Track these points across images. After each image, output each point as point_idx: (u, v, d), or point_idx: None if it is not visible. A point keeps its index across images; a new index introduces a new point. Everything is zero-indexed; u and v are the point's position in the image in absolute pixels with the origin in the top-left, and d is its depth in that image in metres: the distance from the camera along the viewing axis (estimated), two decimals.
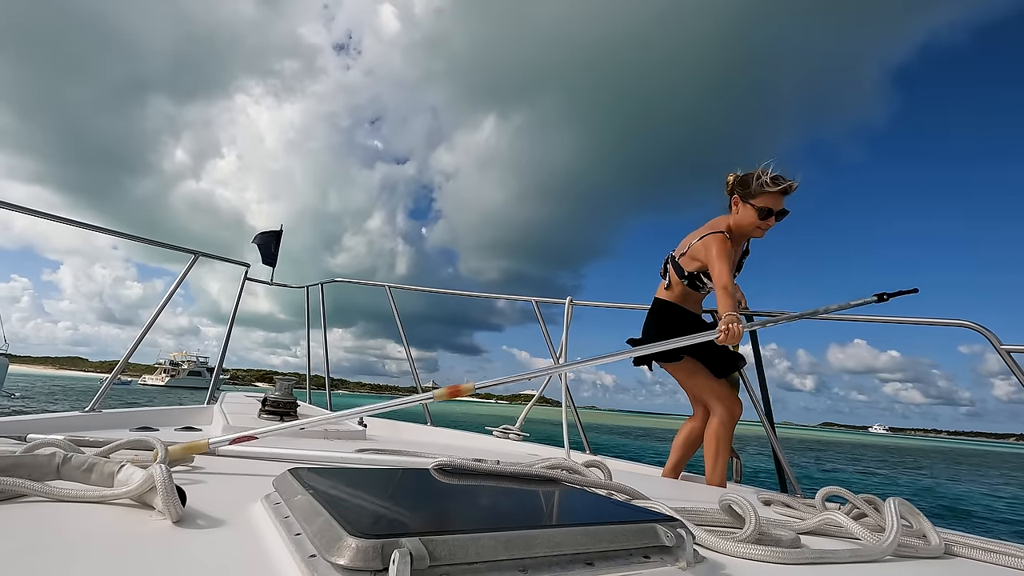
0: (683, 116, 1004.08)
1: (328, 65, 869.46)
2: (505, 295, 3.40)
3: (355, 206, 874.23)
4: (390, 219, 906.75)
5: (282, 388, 2.44)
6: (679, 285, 2.25)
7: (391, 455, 1.50)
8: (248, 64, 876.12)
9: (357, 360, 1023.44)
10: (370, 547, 0.50)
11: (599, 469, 1.20)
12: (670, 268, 2.30)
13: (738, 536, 0.78)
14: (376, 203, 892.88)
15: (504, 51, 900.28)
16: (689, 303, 2.29)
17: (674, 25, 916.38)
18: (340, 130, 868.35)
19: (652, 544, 0.66)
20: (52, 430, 1.62)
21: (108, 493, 0.74)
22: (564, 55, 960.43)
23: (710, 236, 2.14)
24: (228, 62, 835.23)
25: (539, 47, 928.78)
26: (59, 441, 1.01)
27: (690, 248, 2.20)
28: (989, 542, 0.92)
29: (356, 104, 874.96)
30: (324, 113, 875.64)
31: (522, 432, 2.80)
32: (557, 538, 0.60)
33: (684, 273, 2.22)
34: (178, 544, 0.61)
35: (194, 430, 2.07)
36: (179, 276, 2.79)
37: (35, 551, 0.55)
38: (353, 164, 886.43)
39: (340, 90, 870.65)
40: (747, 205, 2.14)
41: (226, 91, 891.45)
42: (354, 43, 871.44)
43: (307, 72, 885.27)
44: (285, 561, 0.58)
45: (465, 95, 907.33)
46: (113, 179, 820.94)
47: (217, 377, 3.53)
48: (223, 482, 1.01)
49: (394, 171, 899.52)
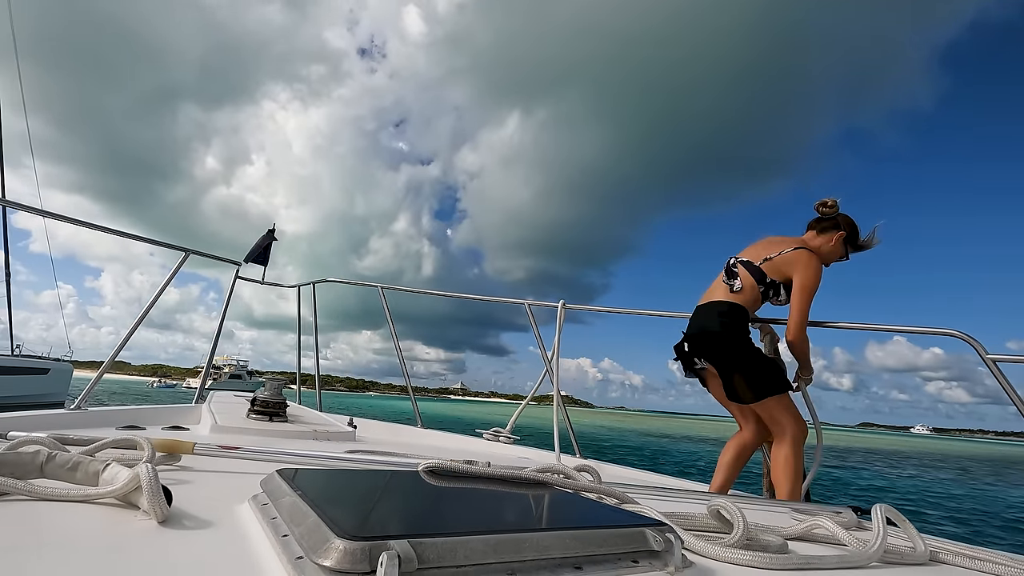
0: (710, 109, 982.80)
1: (353, 69, 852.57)
2: (498, 298, 3.39)
3: (381, 209, 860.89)
4: (415, 221, 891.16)
5: (271, 388, 2.42)
6: (753, 290, 2.14)
7: (380, 456, 1.49)
8: (275, 70, 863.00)
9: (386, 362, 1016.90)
10: (358, 549, 0.50)
11: (589, 473, 1.20)
12: (743, 271, 2.18)
13: (726, 541, 0.79)
14: (401, 205, 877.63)
15: (528, 45, 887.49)
16: (753, 311, 2.18)
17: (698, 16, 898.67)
18: (365, 134, 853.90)
19: (640, 548, 0.66)
20: (35, 428, 1.60)
21: (93, 492, 0.73)
22: (589, 48, 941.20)
23: (806, 253, 2.11)
24: (255, 68, 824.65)
25: (563, 40, 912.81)
26: (43, 439, 1.00)
27: (780, 256, 2.13)
28: (975, 549, 0.93)
29: (381, 107, 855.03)
30: (350, 117, 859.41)
31: (513, 435, 2.80)
32: (546, 542, 0.60)
33: (766, 280, 2.13)
34: (163, 545, 0.60)
35: (181, 429, 2.05)
36: (170, 273, 2.77)
37: (17, 551, 0.54)
38: (378, 167, 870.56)
39: (365, 93, 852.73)
40: (843, 245, 2.22)
41: (252, 97, 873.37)
42: (378, 46, 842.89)
43: (333, 76, 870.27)
44: (272, 563, 0.57)
45: (489, 92, 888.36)
46: (147, 186, 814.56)
47: (205, 376, 3.50)
48: (210, 482, 1.00)
49: (419, 172, 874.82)
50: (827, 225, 2.23)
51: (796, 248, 2.14)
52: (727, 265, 2.25)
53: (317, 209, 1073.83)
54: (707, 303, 2.21)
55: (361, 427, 2.63)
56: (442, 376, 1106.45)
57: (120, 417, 2.16)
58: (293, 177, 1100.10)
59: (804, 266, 2.08)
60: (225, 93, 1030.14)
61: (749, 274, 2.16)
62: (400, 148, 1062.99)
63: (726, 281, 2.21)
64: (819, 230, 2.24)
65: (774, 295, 2.16)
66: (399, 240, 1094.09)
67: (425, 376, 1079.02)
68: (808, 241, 2.22)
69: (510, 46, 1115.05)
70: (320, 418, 2.78)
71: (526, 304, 2.97)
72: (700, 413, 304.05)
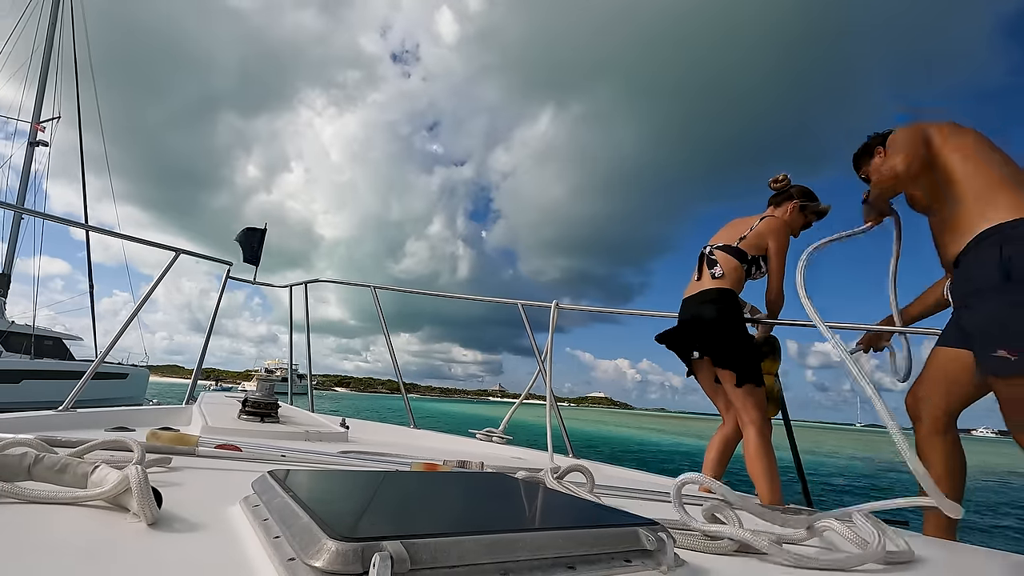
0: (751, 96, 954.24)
1: (388, 73, 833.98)
2: (491, 298, 3.39)
3: (416, 212, 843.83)
4: (450, 223, 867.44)
5: (263, 389, 2.40)
6: (737, 271, 2.20)
7: (373, 457, 1.49)
8: (311, 76, 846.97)
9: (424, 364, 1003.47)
10: (350, 550, 0.49)
11: (582, 473, 1.20)
12: (722, 255, 2.24)
13: (720, 542, 0.79)
14: (436, 207, 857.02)
15: (559, 38, 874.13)
16: (739, 291, 2.23)
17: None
18: (399, 138, 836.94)
19: (633, 548, 0.66)
20: (23, 430, 1.58)
21: (81, 495, 0.72)
22: (623, 33, 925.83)
23: (775, 219, 2.28)
24: (292, 76, 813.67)
25: (595, 28, 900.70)
26: (30, 441, 0.99)
27: (753, 231, 2.25)
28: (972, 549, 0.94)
29: (414, 110, 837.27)
30: (384, 122, 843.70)
31: (506, 435, 2.80)
32: (539, 541, 0.60)
33: (747, 257, 2.22)
34: (153, 547, 0.60)
35: (171, 431, 2.04)
36: (160, 273, 2.75)
37: (4, 554, 0.53)
38: (412, 170, 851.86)
39: (399, 97, 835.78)
40: (802, 213, 2.36)
41: (290, 104, 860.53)
42: (412, 49, 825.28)
43: (368, 81, 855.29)
44: (263, 564, 0.57)
45: (521, 88, 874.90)
46: (191, 195, 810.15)
47: (196, 376, 3.47)
48: (201, 483, 1.00)
49: (452, 174, 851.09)
50: (782, 198, 2.40)
51: (763, 219, 2.32)
52: (704, 254, 2.31)
53: (354, 214, 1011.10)
54: (696, 293, 2.25)
55: (353, 428, 2.62)
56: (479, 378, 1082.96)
57: (109, 418, 2.13)
58: (331, 184, 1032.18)
59: (776, 232, 2.25)
60: (263, 100, 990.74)
61: (731, 256, 2.24)
62: (434, 151, 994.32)
63: (708, 269, 2.27)
64: (776, 204, 2.41)
65: (756, 270, 2.26)
66: (434, 243, 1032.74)
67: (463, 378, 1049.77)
68: (769, 215, 2.38)
69: (542, 38, 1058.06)
70: (312, 419, 2.77)
71: (519, 304, 2.97)
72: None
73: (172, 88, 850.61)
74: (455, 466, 1.47)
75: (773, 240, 2.23)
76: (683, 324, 2.27)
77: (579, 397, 65.93)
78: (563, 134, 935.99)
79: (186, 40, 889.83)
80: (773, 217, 2.32)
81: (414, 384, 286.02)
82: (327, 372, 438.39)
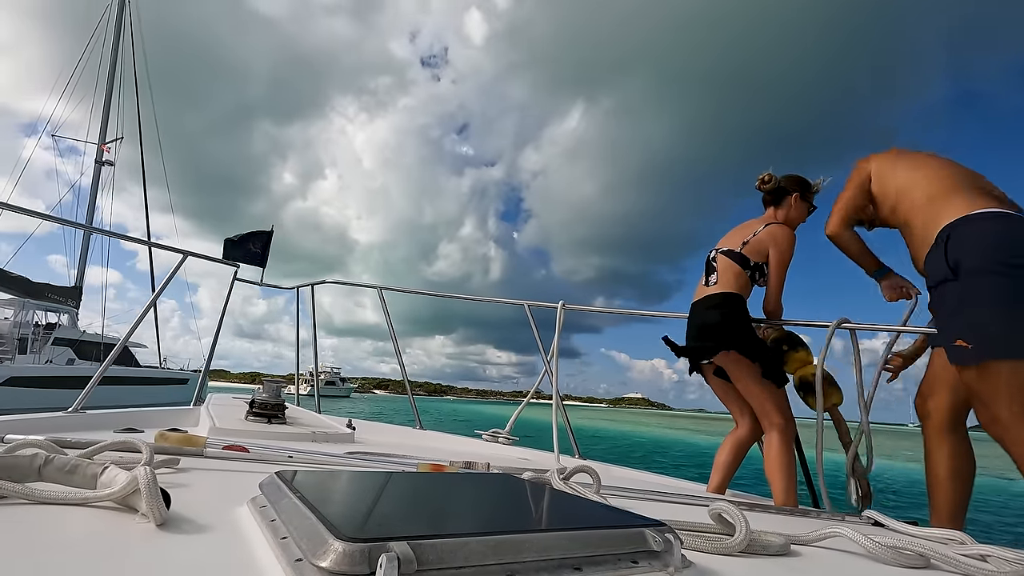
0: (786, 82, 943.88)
1: (418, 77, 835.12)
2: (496, 299, 3.39)
3: (448, 215, 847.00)
4: (481, 224, 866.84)
5: (269, 390, 2.41)
6: (740, 276, 2.17)
7: (379, 458, 1.49)
8: (342, 83, 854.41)
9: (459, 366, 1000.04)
10: (357, 551, 0.49)
11: (588, 474, 1.20)
12: (725, 260, 2.21)
13: (727, 543, 0.78)
14: (467, 209, 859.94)
15: (588, 27, 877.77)
16: (745, 296, 2.19)
17: None
18: (430, 141, 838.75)
19: (640, 549, 0.66)
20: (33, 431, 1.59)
21: (91, 495, 0.72)
22: (651, 24, 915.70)
23: (778, 227, 2.21)
24: (324, 83, 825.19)
25: (623, 19, 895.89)
26: (40, 442, 1.00)
27: (755, 236, 2.19)
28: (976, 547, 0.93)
29: (444, 113, 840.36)
30: (414, 127, 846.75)
31: (512, 436, 2.79)
32: (545, 542, 0.60)
33: (750, 263, 2.17)
34: (161, 548, 0.60)
35: (179, 432, 2.05)
36: (167, 275, 2.77)
37: (14, 555, 0.54)
38: (442, 173, 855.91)
39: (430, 100, 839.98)
40: (804, 202, 2.29)
41: (322, 111, 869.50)
42: (440, 53, 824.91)
43: (398, 86, 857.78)
44: (270, 565, 0.57)
45: (549, 85, 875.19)
46: (230, 203, 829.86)
47: (204, 378, 3.49)
48: (209, 484, 1.00)
49: (483, 175, 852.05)
50: (779, 196, 2.32)
51: (767, 224, 2.23)
52: (708, 260, 2.29)
53: (386, 219, 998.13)
54: (702, 297, 2.23)
55: (360, 429, 2.63)
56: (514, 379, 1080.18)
57: (118, 420, 2.15)
58: (364, 189, 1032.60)
59: (778, 240, 2.18)
60: (296, 108, 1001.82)
61: (733, 262, 2.20)
62: (464, 152, 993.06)
63: (709, 275, 2.25)
64: (775, 204, 2.33)
65: (760, 276, 2.21)
66: (466, 245, 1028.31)
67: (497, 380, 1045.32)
68: (773, 218, 2.30)
69: (570, 29, 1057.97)
70: (319, 420, 2.78)
71: (525, 305, 2.97)
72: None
73: (210, 98, 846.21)
74: (461, 467, 1.48)
75: (774, 249, 2.17)
76: (691, 335, 2.25)
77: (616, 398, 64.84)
78: (593, 130, 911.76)
79: (222, 49, 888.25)
80: (775, 224, 2.24)
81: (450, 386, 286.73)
82: (366, 375, 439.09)
